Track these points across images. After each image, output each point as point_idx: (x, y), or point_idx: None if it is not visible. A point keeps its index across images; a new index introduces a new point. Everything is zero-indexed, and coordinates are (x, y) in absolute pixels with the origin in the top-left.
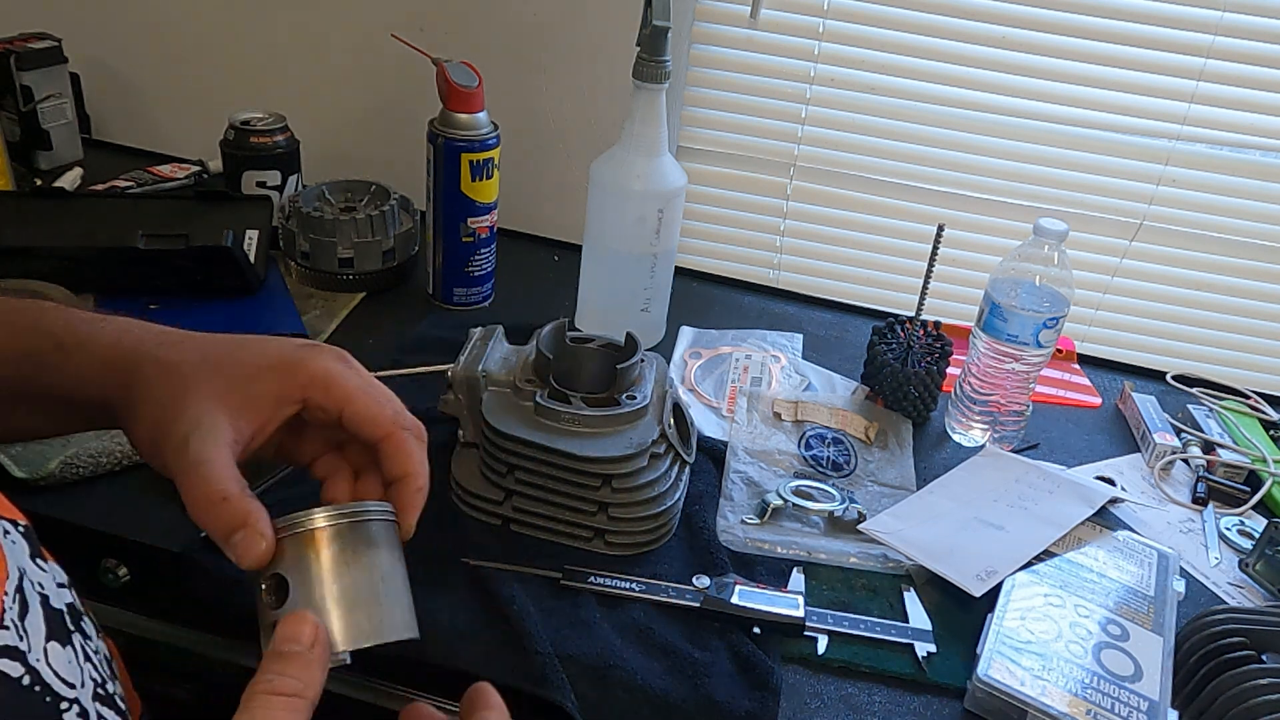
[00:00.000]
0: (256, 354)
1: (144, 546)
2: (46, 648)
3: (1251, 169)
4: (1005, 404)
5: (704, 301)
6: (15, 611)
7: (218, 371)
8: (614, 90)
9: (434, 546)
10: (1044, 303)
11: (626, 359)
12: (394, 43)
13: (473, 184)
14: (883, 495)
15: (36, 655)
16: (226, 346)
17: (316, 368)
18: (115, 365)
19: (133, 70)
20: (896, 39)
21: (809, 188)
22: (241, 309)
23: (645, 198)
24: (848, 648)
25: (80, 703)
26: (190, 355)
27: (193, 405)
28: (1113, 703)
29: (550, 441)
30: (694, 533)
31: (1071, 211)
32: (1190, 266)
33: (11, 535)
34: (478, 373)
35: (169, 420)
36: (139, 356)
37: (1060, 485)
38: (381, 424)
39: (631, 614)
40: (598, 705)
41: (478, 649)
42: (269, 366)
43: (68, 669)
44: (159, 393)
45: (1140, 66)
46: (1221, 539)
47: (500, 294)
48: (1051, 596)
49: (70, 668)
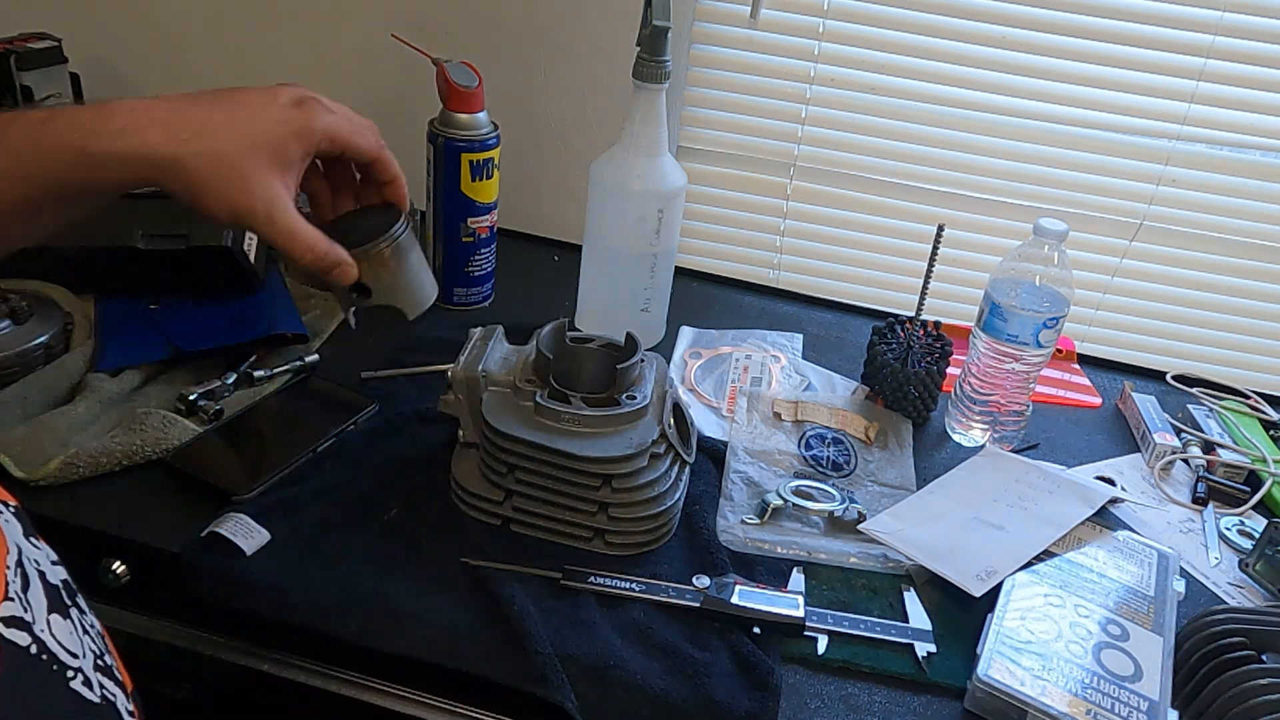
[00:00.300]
0: (275, 125)
1: (144, 546)
2: (49, 619)
3: (1251, 169)
4: (1005, 404)
5: (704, 301)
6: (18, 584)
7: (256, 149)
8: (614, 90)
9: (434, 546)
10: (1044, 303)
11: (626, 359)
12: (394, 43)
13: (473, 184)
14: (883, 495)
15: (41, 626)
16: (247, 124)
17: (319, 125)
18: (150, 162)
19: (133, 70)
20: (896, 39)
21: (809, 188)
22: (241, 309)
23: (645, 198)
24: (848, 648)
25: (84, 671)
26: (226, 143)
27: (257, 185)
28: (1113, 703)
29: (550, 441)
30: (694, 533)
31: (1071, 211)
32: (1190, 266)
33: (5, 515)
34: (478, 373)
35: (243, 200)
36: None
37: (1060, 485)
38: (371, 149)
39: (631, 614)
40: (598, 705)
41: (478, 649)
42: (292, 135)
43: (70, 639)
44: (217, 180)
45: (1140, 66)
46: (1221, 539)
47: (500, 294)
48: (1051, 596)
49: (72, 638)
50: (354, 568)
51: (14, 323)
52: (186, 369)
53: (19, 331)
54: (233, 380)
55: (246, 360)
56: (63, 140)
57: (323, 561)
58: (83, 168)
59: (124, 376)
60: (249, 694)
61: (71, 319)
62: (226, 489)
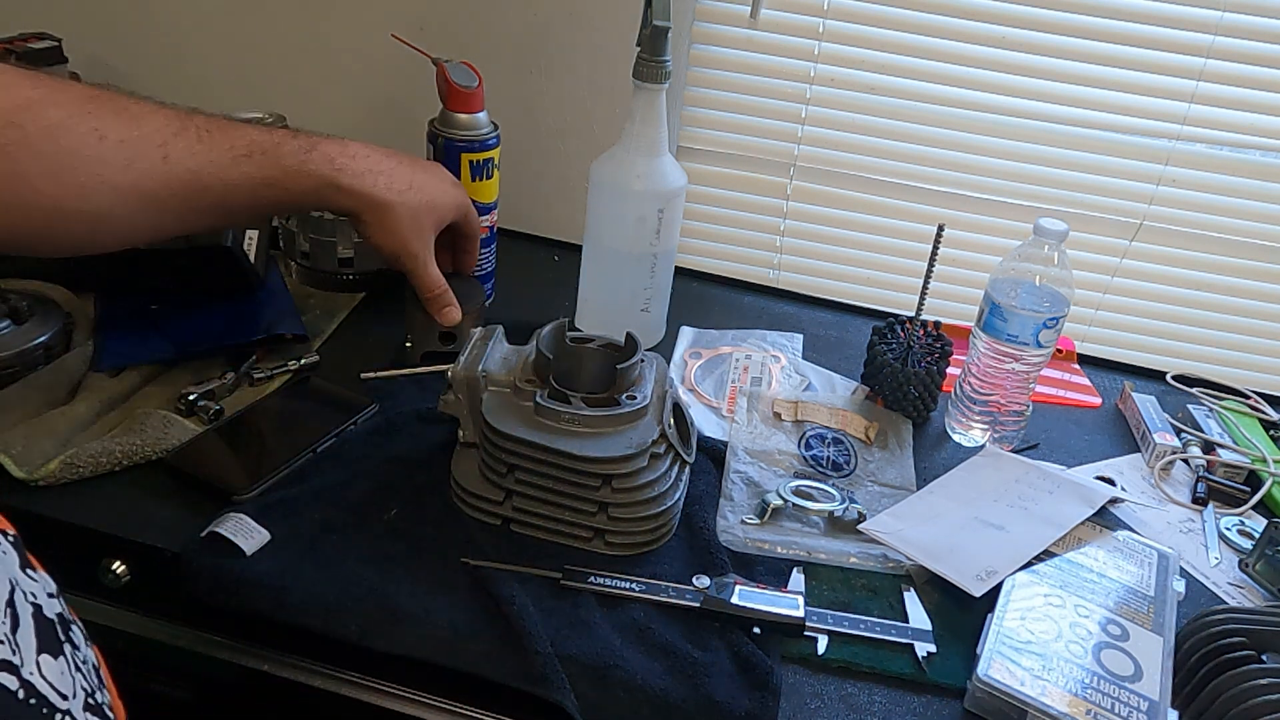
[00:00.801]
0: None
1: (144, 546)
2: (39, 660)
3: (1251, 169)
4: (1005, 404)
5: (704, 301)
6: (8, 626)
7: (432, 211)
8: (614, 90)
9: (434, 546)
10: (1044, 303)
11: (626, 359)
12: (394, 43)
13: (473, 184)
14: (883, 495)
15: (30, 669)
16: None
17: (465, 204)
18: (373, 201)
19: (133, 70)
20: (896, 39)
21: (809, 188)
22: (241, 309)
23: (645, 198)
24: (848, 648)
25: (72, 714)
26: (411, 199)
27: (425, 236)
28: (1113, 703)
29: (550, 441)
30: (694, 533)
31: (1071, 211)
32: (1190, 266)
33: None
34: (478, 373)
35: (413, 244)
36: (391, 201)
37: (1060, 485)
38: (479, 229)
39: (631, 614)
40: (598, 705)
41: (478, 649)
42: (453, 207)
43: (61, 680)
44: (404, 227)
45: (1140, 66)
46: (1221, 539)
47: (500, 294)
48: (1051, 596)
49: (63, 679)
50: (354, 568)
51: (14, 323)
52: (186, 369)
53: (19, 331)
54: (233, 380)
55: (246, 360)
56: (320, 170)
57: (322, 561)
58: (327, 192)
59: (124, 376)
60: (249, 694)
61: (71, 319)
62: (226, 489)
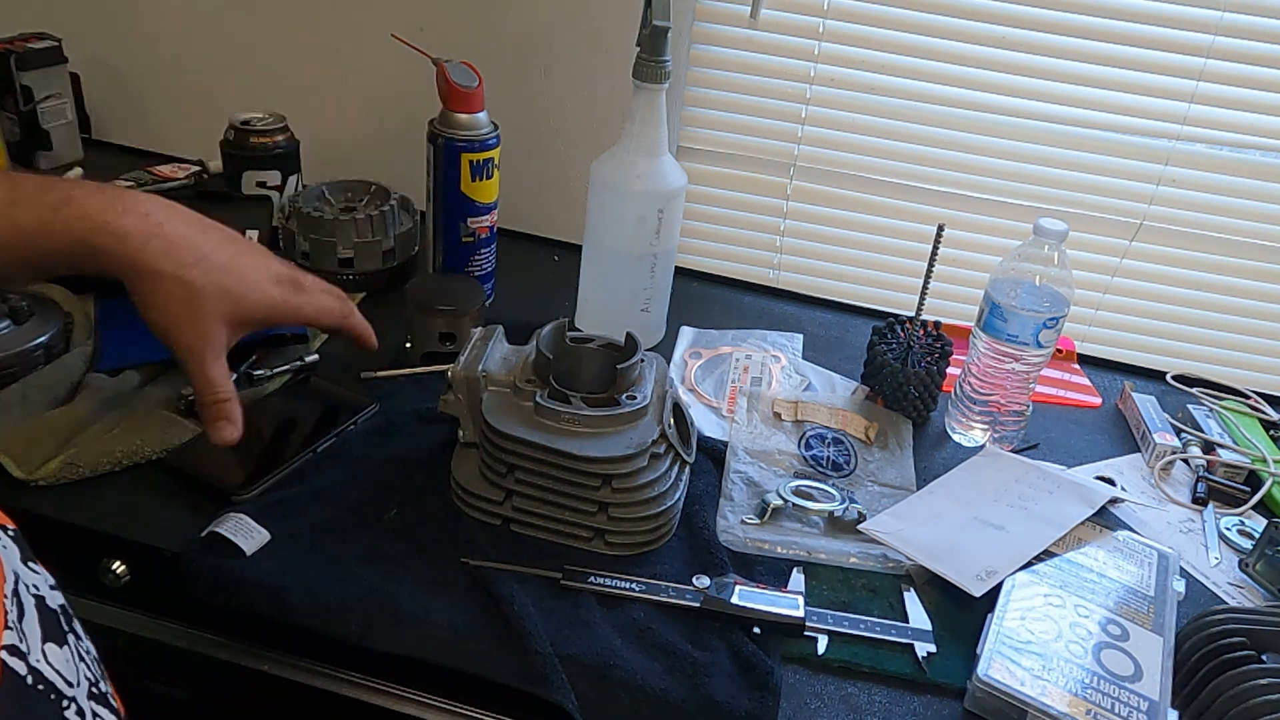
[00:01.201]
0: (252, 289)
1: (144, 546)
2: (45, 649)
3: (1251, 169)
4: (1005, 404)
5: (704, 301)
6: (14, 614)
7: (222, 298)
8: (614, 90)
9: (434, 546)
10: (1044, 303)
11: (626, 359)
12: (394, 43)
13: (473, 184)
14: (883, 495)
15: (36, 656)
16: (227, 274)
17: (287, 310)
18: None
19: (133, 70)
20: (896, 39)
21: (809, 188)
22: None
23: (645, 198)
24: (848, 648)
25: (78, 701)
26: (195, 276)
27: (208, 325)
28: (1113, 703)
29: (550, 441)
30: (694, 533)
31: (1071, 211)
32: (1190, 266)
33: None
34: (478, 373)
35: (185, 325)
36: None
37: (1060, 485)
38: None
39: (631, 614)
40: (598, 705)
41: (478, 649)
42: (261, 304)
43: (66, 668)
44: (162, 301)
45: (1140, 66)
46: (1221, 539)
47: (500, 294)
48: (1051, 596)
49: (68, 666)
50: (354, 568)
51: (14, 323)
52: None
53: (19, 331)
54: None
55: (246, 360)
56: (70, 230)
57: (322, 561)
58: (81, 253)
59: (124, 376)
60: (249, 694)
61: (71, 319)
62: (226, 489)
